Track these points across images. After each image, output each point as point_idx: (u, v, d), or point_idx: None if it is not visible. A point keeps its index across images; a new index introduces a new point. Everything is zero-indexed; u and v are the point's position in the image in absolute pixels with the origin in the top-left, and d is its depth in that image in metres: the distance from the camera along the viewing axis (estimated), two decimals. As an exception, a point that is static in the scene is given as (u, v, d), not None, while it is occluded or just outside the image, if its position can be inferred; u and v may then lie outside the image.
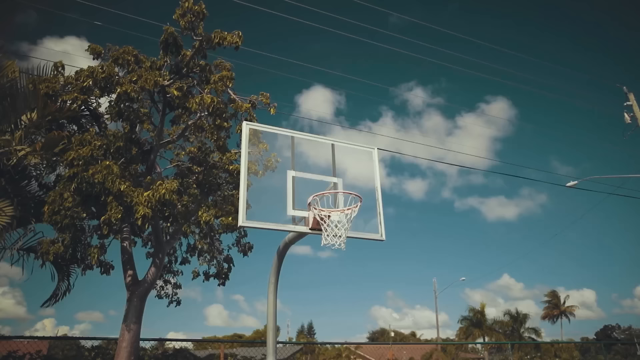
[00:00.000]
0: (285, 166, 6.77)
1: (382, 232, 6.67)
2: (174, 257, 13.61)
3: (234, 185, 11.31)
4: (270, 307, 6.69)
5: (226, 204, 10.42)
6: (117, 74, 8.28)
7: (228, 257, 12.69)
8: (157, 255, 10.06)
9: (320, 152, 7.32)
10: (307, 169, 6.85)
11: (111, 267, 9.55)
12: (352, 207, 6.06)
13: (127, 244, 10.22)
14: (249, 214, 6.12)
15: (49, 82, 9.06)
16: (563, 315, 47.36)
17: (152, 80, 8.15)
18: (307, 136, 7.31)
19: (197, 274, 12.61)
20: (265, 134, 7.10)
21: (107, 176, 7.47)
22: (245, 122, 6.92)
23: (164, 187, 7.88)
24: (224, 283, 12.37)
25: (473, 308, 44.56)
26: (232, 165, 10.30)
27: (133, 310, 9.61)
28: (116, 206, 7.71)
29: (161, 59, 8.86)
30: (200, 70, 8.51)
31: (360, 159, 7.51)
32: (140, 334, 9.77)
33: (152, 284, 10.13)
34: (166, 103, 9.31)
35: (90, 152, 8.10)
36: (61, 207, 8.06)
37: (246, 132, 6.71)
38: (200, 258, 12.73)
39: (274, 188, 6.62)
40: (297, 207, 6.24)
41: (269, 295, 6.73)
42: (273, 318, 6.65)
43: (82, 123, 10.54)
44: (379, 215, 6.88)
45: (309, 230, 6.16)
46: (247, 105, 9.01)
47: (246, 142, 6.69)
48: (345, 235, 5.90)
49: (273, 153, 7.56)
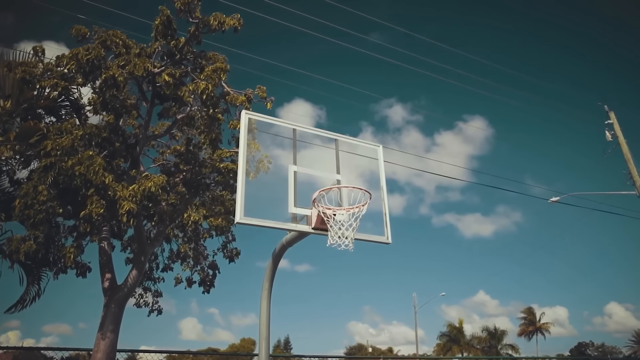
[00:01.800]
0: (286, 160, 6.23)
1: (388, 235, 6.17)
2: (155, 264, 12.79)
3: (223, 185, 10.68)
4: (263, 316, 6.04)
5: (215, 205, 9.78)
6: (104, 57, 7.62)
7: (213, 263, 11.97)
8: (139, 258, 9.28)
9: (322, 147, 6.84)
10: (309, 165, 6.33)
11: (88, 269, 8.74)
12: (359, 205, 5.54)
13: (105, 245, 9.40)
14: (247, 210, 5.52)
15: (26, 67, 8.34)
16: (538, 331, 47.67)
17: (141, 67, 7.54)
18: (309, 129, 6.80)
19: (180, 281, 11.82)
20: (263, 126, 6.54)
21: (90, 167, 6.77)
22: (245, 111, 6.37)
23: (152, 180, 7.22)
24: (209, 290, 11.63)
25: (451, 324, 44.61)
26: (223, 164, 9.68)
27: (110, 317, 8.79)
28: (98, 200, 6.99)
29: (152, 46, 8.26)
30: (194, 58, 7.94)
31: (365, 156, 7.08)
32: (117, 344, 8.95)
33: (132, 289, 9.33)
34: (155, 94, 8.68)
35: (71, 142, 7.39)
36: (34, 201, 7.29)
37: (245, 121, 6.16)
38: (184, 264, 11.96)
39: (272, 185, 6.09)
40: (299, 205, 5.69)
41: (262, 302, 6.10)
42: (266, 327, 6.01)
43: (62, 115, 9.78)
44: (385, 216, 6.37)
45: (311, 229, 5.61)
46: (242, 98, 8.46)
47: (245, 132, 6.12)
48: (354, 236, 5.39)
49: (265, 154, 7.12)
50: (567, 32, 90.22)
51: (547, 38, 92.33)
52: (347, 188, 5.86)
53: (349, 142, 6.91)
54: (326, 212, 5.39)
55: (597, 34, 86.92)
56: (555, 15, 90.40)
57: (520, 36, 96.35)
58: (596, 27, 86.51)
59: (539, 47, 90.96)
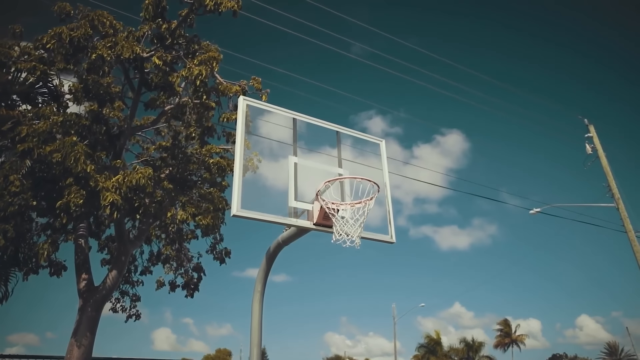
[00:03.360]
0: (286, 152, 5.79)
1: (392, 234, 5.77)
2: (134, 266, 12.05)
3: (211, 183, 10.11)
4: (254, 320, 5.54)
5: (203, 202, 9.21)
6: (91, 36, 7.03)
7: (198, 265, 11.31)
8: (120, 257, 8.60)
9: (324, 140, 6.45)
10: (309, 157, 5.89)
11: (63, 267, 8.02)
12: (367, 199, 5.11)
13: (82, 242, 8.67)
14: (244, 203, 5.02)
15: (0, 47, 7.67)
16: (514, 343, 48.01)
17: (129, 49, 6.98)
18: (310, 120, 6.37)
19: (162, 284, 11.11)
20: (261, 115, 6.07)
21: (70, 153, 6.15)
22: (242, 97, 5.90)
23: (139, 172, 6.64)
24: (192, 295, 10.95)
25: (429, 335, 44.55)
26: (213, 159, 9.15)
27: (86, 321, 8.07)
28: (77, 190, 6.36)
29: (141, 29, 7.71)
30: (186, 43, 7.43)
31: (366, 150, 6.73)
32: (92, 351, 8.22)
33: (111, 291, 8.62)
34: (142, 81, 8.11)
35: (50, 127, 6.76)
36: (5, 192, 6.61)
37: (243, 107, 5.69)
38: (166, 266, 11.26)
39: (270, 177, 5.64)
40: (300, 199, 5.23)
41: (254, 305, 5.59)
42: (258, 333, 5.50)
43: (38, 103, 9.08)
44: (389, 214, 5.97)
45: (313, 225, 5.15)
46: (236, 87, 7.97)
47: (242, 119, 5.64)
48: (360, 232, 4.96)
49: (255, 152, 6.67)
50: (548, 45, 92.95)
51: (527, 51, 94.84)
52: (354, 180, 5.41)
53: (351, 135, 6.53)
54: (330, 206, 4.94)
55: (577, 48, 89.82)
56: (535, 28, 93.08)
57: (500, 49, 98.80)
58: (576, 41, 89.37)
59: (519, 59, 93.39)
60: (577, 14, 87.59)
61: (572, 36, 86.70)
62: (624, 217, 15.77)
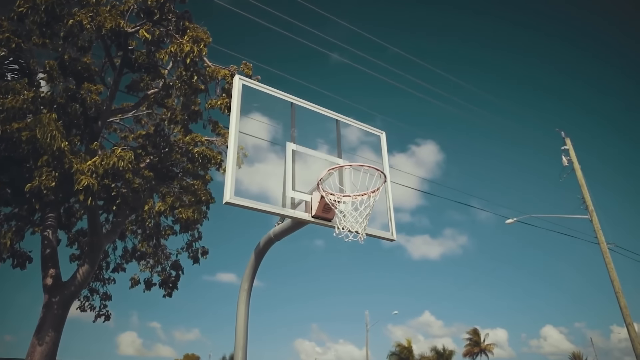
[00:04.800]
0: (284, 137, 5.35)
1: (392, 230, 5.39)
2: (106, 263, 11.26)
3: (193, 175, 9.52)
4: (240, 321, 5.02)
5: (186, 195, 8.60)
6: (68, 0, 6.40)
7: (177, 262, 10.63)
8: (92, 251, 7.89)
9: (322, 128, 6.07)
10: (308, 145, 5.46)
11: (28, 258, 7.27)
12: (374, 190, 4.68)
13: (49, 233, 7.91)
14: (237, 191, 4.54)
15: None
16: (483, 353, 48.47)
17: (113, 21, 6.40)
18: (308, 105, 5.95)
19: (137, 282, 10.38)
20: (256, 98, 5.60)
21: (41, 129, 5.51)
22: (238, 75, 5.42)
23: (118, 153, 6.04)
24: (170, 294, 10.27)
25: (400, 344, 44.54)
26: (198, 148, 8.57)
27: (51, 320, 7.32)
28: (49, 172, 5.71)
29: (125, 3, 7.10)
30: (176, 19, 6.87)
31: (366, 142, 6.41)
32: (57, 352, 7.48)
33: (81, 288, 7.89)
34: (125, 60, 7.49)
35: (22, 103, 6.09)
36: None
37: (239, 87, 5.25)
38: (142, 263, 10.55)
39: (263, 167, 5.22)
40: (298, 189, 4.80)
41: (240, 305, 5.08)
42: (243, 335, 4.98)
43: (7, 80, 8.32)
44: (389, 209, 5.59)
45: (311, 218, 4.69)
46: (225, 71, 7.47)
47: (238, 98, 5.19)
48: (366, 226, 4.54)
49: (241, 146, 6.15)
50: (525, 57, 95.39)
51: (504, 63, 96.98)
52: (358, 171, 4.97)
53: (351, 124, 6.16)
54: (332, 197, 4.48)
55: (554, 60, 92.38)
56: (511, 40, 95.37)
57: (477, 61, 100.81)
58: (553, 53, 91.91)
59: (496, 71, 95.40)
60: (553, 27, 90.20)
61: (548, 49, 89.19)
62: (597, 229, 15.95)
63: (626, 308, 13.97)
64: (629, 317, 13.80)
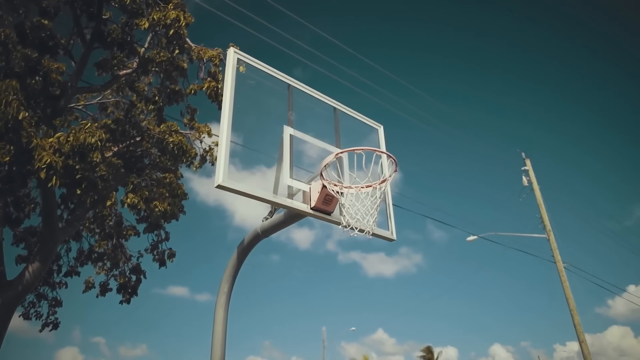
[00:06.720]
0: (281, 120, 4.86)
1: (392, 229, 5.00)
2: (57, 265, 10.07)
3: (163, 169, 8.71)
4: (218, 329, 4.34)
5: (158, 188, 7.78)
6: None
7: (137, 266, 9.64)
8: (46, 246, 6.89)
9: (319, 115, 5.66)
10: (305, 131, 4.98)
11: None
12: (384, 179, 4.19)
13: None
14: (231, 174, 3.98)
15: None
16: (436, 371, 48.95)
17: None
18: (306, 89, 5.48)
19: (92, 286, 9.29)
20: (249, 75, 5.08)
21: (1, 97, 4.65)
22: (233, 49, 4.87)
23: (87, 129, 5.24)
24: (129, 300, 9.25)
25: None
26: (174, 137, 7.80)
27: (-9, 325, 6.26)
28: (3, 146, 4.83)
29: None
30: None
31: (362, 135, 6.08)
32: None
33: (29, 289, 6.83)
34: (96, 34, 6.70)
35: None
36: None
37: (233, 60, 4.73)
38: (98, 265, 9.47)
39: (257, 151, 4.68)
40: (296, 177, 4.30)
41: (218, 310, 4.41)
42: (221, 345, 4.30)
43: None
44: (388, 207, 5.21)
45: (310, 210, 4.17)
46: (213, 52, 6.85)
47: (232, 73, 4.65)
48: (375, 219, 4.04)
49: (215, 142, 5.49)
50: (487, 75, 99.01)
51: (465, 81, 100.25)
52: (361, 161, 4.47)
53: (348, 116, 5.77)
54: (334, 188, 3.94)
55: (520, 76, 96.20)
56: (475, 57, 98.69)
57: (438, 79, 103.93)
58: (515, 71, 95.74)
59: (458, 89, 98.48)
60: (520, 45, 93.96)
61: (511, 66, 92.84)
62: (554, 248, 16.39)
63: (579, 325, 14.25)
64: (582, 334, 14.05)
